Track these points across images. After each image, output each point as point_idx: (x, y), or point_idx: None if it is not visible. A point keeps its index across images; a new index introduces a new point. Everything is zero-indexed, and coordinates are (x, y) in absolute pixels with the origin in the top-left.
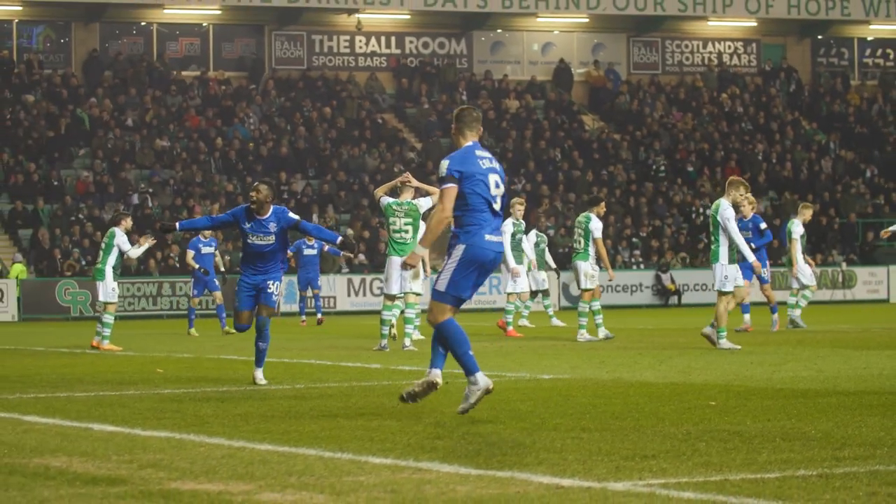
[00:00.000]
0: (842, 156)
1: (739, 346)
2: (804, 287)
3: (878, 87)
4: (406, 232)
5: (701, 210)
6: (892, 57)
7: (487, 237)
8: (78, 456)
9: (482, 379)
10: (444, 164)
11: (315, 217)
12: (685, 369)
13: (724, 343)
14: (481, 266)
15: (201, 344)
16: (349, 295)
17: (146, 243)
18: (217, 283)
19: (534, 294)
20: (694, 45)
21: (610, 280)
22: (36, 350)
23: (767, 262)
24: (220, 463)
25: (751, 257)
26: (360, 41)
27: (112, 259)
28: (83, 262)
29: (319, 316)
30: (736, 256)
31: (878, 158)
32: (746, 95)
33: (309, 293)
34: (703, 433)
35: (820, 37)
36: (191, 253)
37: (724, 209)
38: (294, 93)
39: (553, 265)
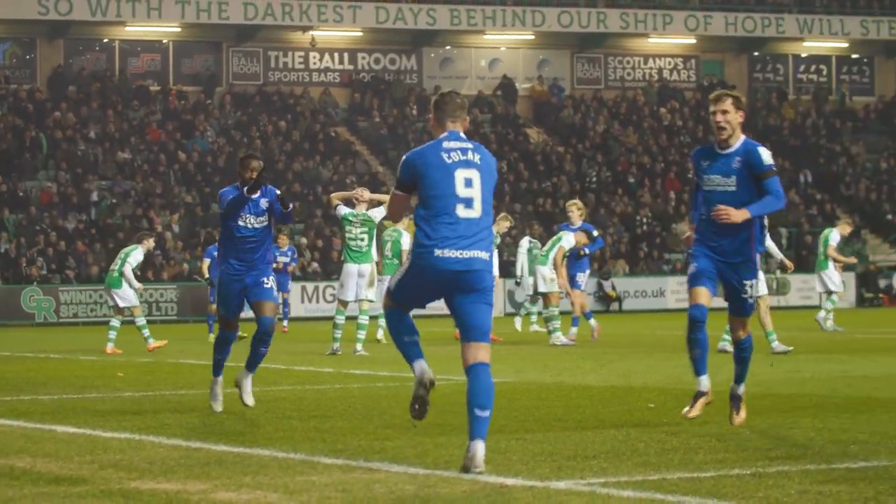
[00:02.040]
0: (778, 168)
1: (791, 348)
2: (831, 292)
3: (811, 102)
4: (362, 240)
5: (644, 220)
6: (825, 73)
7: (438, 252)
8: (42, 457)
9: (417, 368)
10: (400, 163)
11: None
12: (625, 373)
13: (778, 346)
14: (433, 283)
15: (161, 349)
16: (302, 301)
17: (140, 289)
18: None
19: (535, 298)
20: (635, 61)
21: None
22: (1, 355)
23: (588, 270)
24: (178, 463)
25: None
26: (314, 57)
27: (127, 269)
28: (45, 271)
29: (285, 324)
30: (763, 265)
31: (812, 170)
32: (686, 109)
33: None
34: (642, 434)
35: (756, 53)
36: (206, 261)
37: None
38: (250, 107)
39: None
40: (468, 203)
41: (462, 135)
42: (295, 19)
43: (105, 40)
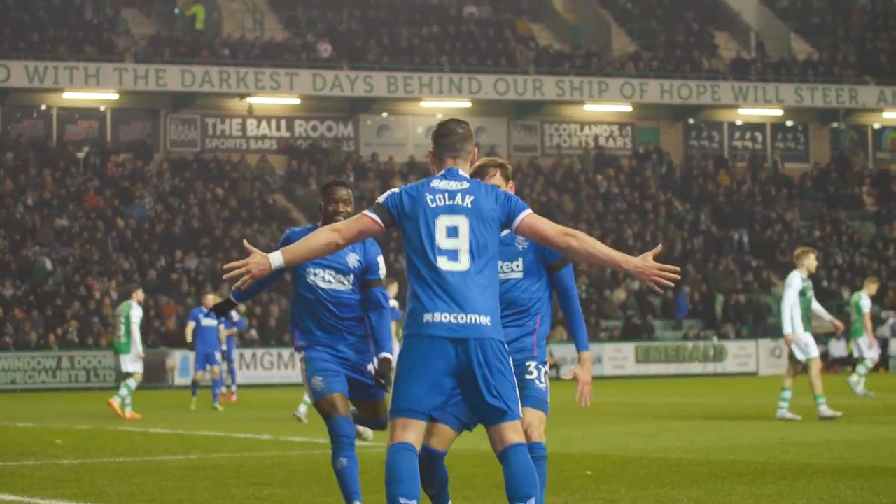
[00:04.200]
0: (713, 234)
1: (840, 413)
2: (863, 359)
3: (747, 169)
4: None
5: (581, 287)
6: (759, 140)
7: (427, 317)
8: None
9: None
10: (391, 191)
11: (210, 297)
12: (564, 440)
13: (825, 410)
14: (430, 360)
15: (99, 416)
16: (241, 368)
17: (141, 356)
18: (218, 357)
19: None
20: (571, 128)
21: None
22: None
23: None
24: None
25: (787, 329)
26: (252, 124)
27: (136, 332)
28: None
29: (234, 388)
30: (810, 325)
31: (748, 237)
32: (622, 177)
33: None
34: (580, 501)
35: (692, 120)
36: (191, 325)
37: (790, 279)
38: (188, 174)
39: None
40: (452, 255)
41: (461, 173)
42: (232, 87)
43: (43, 107)
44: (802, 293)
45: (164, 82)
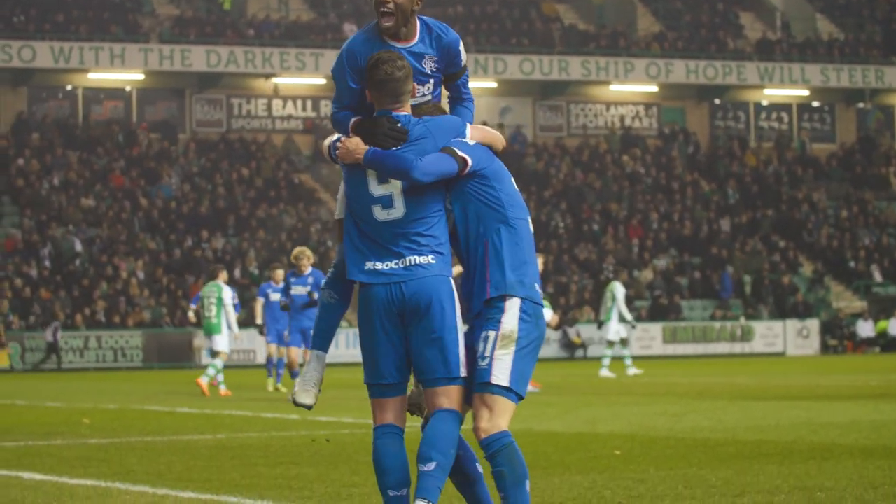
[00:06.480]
0: (740, 215)
1: None
2: None
3: (773, 149)
4: None
5: (608, 267)
6: (786, 120)
7: (369, 265)
8: (7, 503)
9: None
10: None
11: (238, 272)
12: (591, 420)
13: None
14: (377, 315)
15: (127, 395)
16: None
17: (237, 336)
18: (286, 335)
19: (611, 343)
20: (597, 108)
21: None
22: None
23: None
24: None
25: None
26: (277, 104)
27: (224, 313)
28: (10, 317)
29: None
30: None
31: (775, 217)
32: (648, 157)
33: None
34: (608, 481)
35: (717, 101)
36: (260, 301)
37: None
38: (214, 154)
39: (629, 317)
40: (386, 202)
41: (399, 114)
42: (258, 67)
43: (68, 87)
44: None
45: (190, 62)
